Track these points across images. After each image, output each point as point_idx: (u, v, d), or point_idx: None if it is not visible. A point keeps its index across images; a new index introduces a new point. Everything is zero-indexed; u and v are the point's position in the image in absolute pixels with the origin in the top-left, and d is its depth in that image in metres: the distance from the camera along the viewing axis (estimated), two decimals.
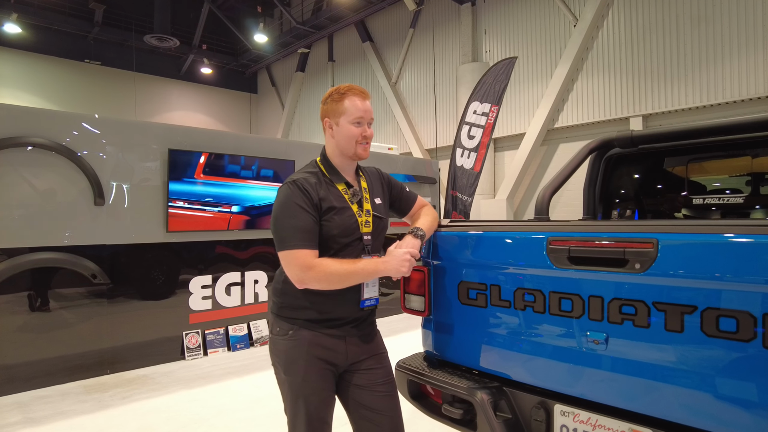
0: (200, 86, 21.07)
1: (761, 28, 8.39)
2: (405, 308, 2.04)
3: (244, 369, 4.52)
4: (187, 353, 4.78)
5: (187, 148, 4.82)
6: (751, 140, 2.55)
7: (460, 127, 7.10)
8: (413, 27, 14.67)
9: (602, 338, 1.45)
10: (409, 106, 14.96)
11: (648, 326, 1.35)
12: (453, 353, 1.92)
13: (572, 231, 1.56)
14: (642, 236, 1.37)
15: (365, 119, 1.80)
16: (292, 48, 19.00)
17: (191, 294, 4.91)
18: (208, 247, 5.05)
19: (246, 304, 5.30)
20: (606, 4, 10.36)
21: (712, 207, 2.79)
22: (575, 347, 1.52)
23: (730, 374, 1.24)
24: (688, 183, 2.90)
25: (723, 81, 8.88)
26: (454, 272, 1.89)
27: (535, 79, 11.73)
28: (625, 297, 1.40)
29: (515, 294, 1.68)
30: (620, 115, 10.24)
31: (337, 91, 1.81)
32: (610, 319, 1.43)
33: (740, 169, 2.75)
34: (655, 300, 1.34)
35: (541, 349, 1.63)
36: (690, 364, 1.30)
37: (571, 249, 1.52)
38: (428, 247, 1.97)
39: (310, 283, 1.63)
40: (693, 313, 1.28)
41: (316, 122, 18.76)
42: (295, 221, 1.65)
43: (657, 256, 1.33)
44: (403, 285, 2.03)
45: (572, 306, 1.52)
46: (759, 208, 2.68)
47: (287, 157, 5.60)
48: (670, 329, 1.32)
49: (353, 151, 1.81)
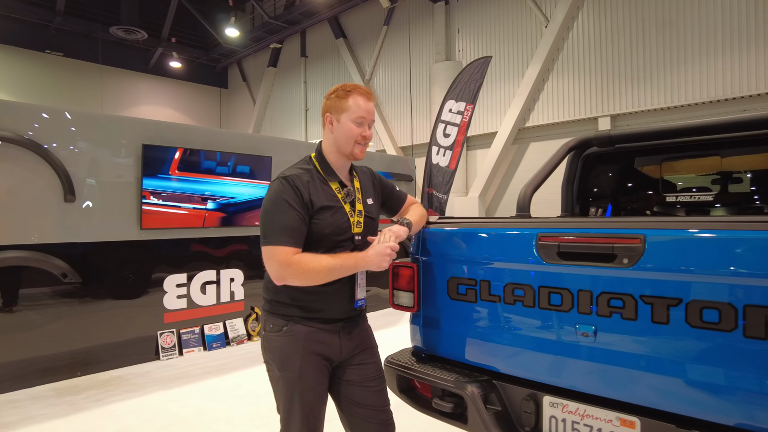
0: (169, 80, 20.58)
1: (720, 35, 8.75)
2: (393, 304, 2.06)
3: (222, 368, 4.46)
4: (162, 353, 4.68)
5: (161, 143, 4.70)
6: (720, 141, 2.67)
7: (436, 125, 7.16)
8: (387, 24, 14.68)
9: (591, 331, 1.50)
10: (383, 103, 14.97)
11: (635, 319, 1.41)
12: (442, 348, 1.96)
13: (562, 227, 1.61)
14: (630, 232, 1.43)
15: (367, 120, 1.79)
16: (263, 43, 18.75)
17: (166, 293, 4.81)
18: (183, 245, 4.95)
19: (222, 302, 5.23)
20: (576, 5, 10.60)
21: (684, 204, 2.91)
22: (564, 340, 1.58)
23: (714, 363, 1.31)
24: (662, 181, 3.01)
25: (686, 84, 9.22)
26: (443, 268, 1.92)
27: (507, 79, 11.91)
28: (613, 291, 1.46)
29: (505, 289, 1.73)
30: (589, 115, 10.51)
31: (342, 88, 1.80)
32: (599, 313, 1.49)
33: (710, 168, 2.88)
34: (643, 293, 1.41)
35: (530, 342, 1.68)
36: (676, 354, 1.36)
37: (561, 245, 1.57)
38: (417, 244, 1.99)
39: (289, 280, 1.63)
40: (678, 305, 1.34)
41: (289, 118, 18.60)
42: (281, 217, 1.65)
43: (644, 251, 1.39)
44: (391, 281, 2.04)
45: (562, 300, 1.57)
46: (726, 206, 2.81)
47: (264, 153, 5.54)
48: (657, 321, 1.38)
49: (350, 150, 1.80)
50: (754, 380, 1.24)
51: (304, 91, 17.97)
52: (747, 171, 2.80)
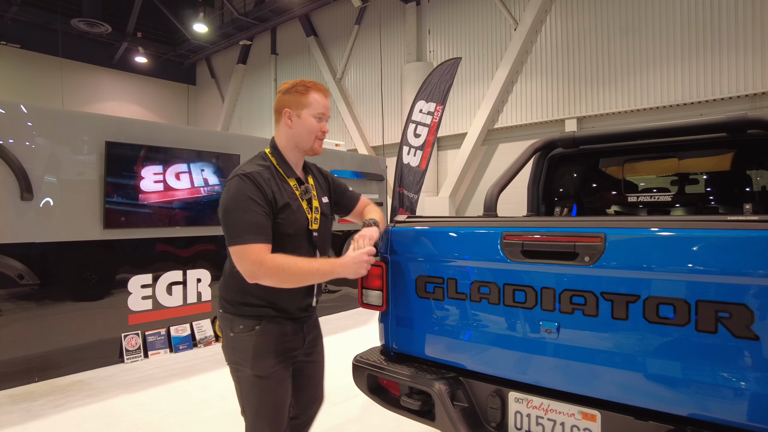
0: (135, 76, 20.02)
1: (679, 43, 9.10)
2: (362, 303, 2.07)
3: (189, 370, 4.38)
4: (126, 356, 4.56)
5: (125, 140, 4.58)
6: (679, 144, 2.77)
7: (407, 125, 7.20)
8: (358, 24, 14.67)
9: (554, 327, 1.54)
10: (354, 102, 14.95)
11: (596, 315, 1.46)
12: (410, 346, 1.97)
13: (525, 226, 1.64)
14: (591, 231, 1.48)
15: (326, 116, 1.82)
16: (233, 39, 18.45)
17: (130, 294, 4.68)
18: (148, 245, 4.83)
19: (188, 303, 5.12)
20: (545, 9, 10.82)
21: (645, 204, 3.01)
22: (528, 337, 1.61)
23: (670, 356, 1.36)
24: (624, 182, 3.11)
25: (647, 88, 9.54)
26: (411, 267, 1.94)
27: (476, 80, 12.07)
28: (575, 288, 1.50)
29: (471, 287, 1.75)
30: (556, 117, 10.75)
31: (302, 83, 1.80)
32: (562, 309, 1.53)
33: (669, 170, 2.99)
34: (603, 290, 1.45)
35: (495, 339, 1.71)
36: (634, 349, 1.41)
37: (525, 243, 1.60)
38: (386, 243, 2.00)
39: (262, 279, 1.59)
40: (636, 301, 1.39)
41: (258, 116, 18.35)
42: (248, 215, 1.60)
43: (605, 249, 1.44)
44: (360, 281, 2.05)
45: (525, 297, 1.60)
46: (683, 206, 2.93)
47: (232, 151, 5.45)
48: (617, 317, 1.43)
49: (310, 145, 1.81)
50: (707, 372, 1.30)
51: (274, 89, 17.76)
52: (702, 173, 2.92)
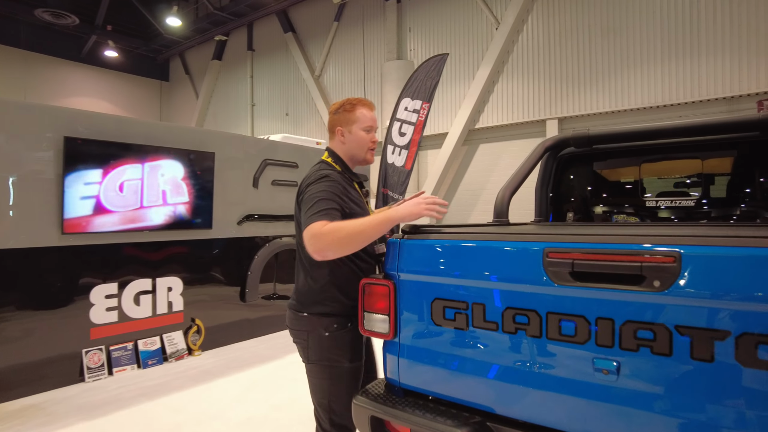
0: (105, 71, 19.16)
1: (659, 45, 9.09)
2: (364, 329, 1.76)
3: (159, 389, 3.99)
4: (87, 374, 4.13)
5: (87, 135, 4.16)
6: (702, 143, 2.55)
7: (391, 123, 6.91)
8: (338, 20, 14.33)
9: (613, 367, 1.26)
10: (333, 100, 14.59)
11: (670, 354, 1.18)
12: (423, 382, 1.66)
13: (574, 241, 1.35)
14: (662, 248, 1.20)
15: (374, 127, 2.01)
16: (208, 35, 17.85)
17: (93, 305, 4.25)
18: (113, 251, 4.41)
19: (158, 314, 4.72)
20: (526, 9, 10.69)
21: (665, 209, 2.78)
22: (578, 378, 1.32)
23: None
24: (640, 184, 2.87)
25: (629, 89, 9.50)
26: (427, 288, 1.63)
27: (458, 80, 11.88)
28: (641, 319, 1.22)
29: (504, 315, 1.45)
30: (538, 117, 10.63)
31: (348, 102, 2.01)
32: (623, 346, 1.24)
33: (690, 171, 2.77)
34: (679, 323, 1.17)
35: (534, 379, 1.42)
36: (722, 399, 1.14)
37: (575, 263, 1.31)
38: (395, 257, 1.69)
39: (324, 249, 1.63)
40: (725, 339, 1.11)
41: (234, 113, 17.85)
42: (319, 205, 1.73)
43: (680, 272, 1.16)
44: (362, 303, 1.74)
45: (576, 330, 1.32)
46: (712, 211, 2.70)
47: (206, 148, 5.07)
48: (698, 357, 1.15)
49: (363, 156, 2.01)
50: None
51: (250, 85, 17.27)
52: (728, 174, 2.70)
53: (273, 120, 16.41)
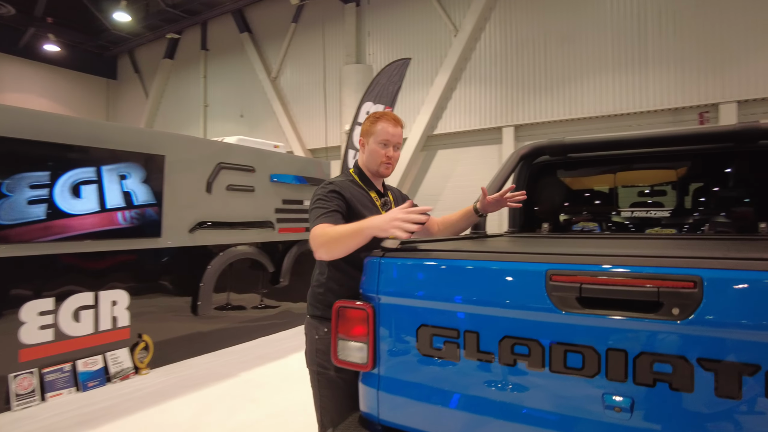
0: (44, 66, 17.95)
1: (611, 54, 9.39)
2: (338, 360, 1.57)
3: (102, 414, 3.63)
4: (15, 402, 3.70)
5: (16, 135, 3.76)
6: (677, 153, 2.53)
7: (353, 128, 6.77)
8: (296, 22, 14.05)
9: (626, 405, 1.13)
10: (290, 103, 14.29)
11: (692, 390, 1.07)
12: (406, 418, 1.49)
13: (581, 263, 1.22)
14: (681, 272, 1.08)
15: (391, 143, 2.03)
16: (159, 32, 17.10)
17: (23, 324, 3.84)
18: (49, 263, 4.01)
19: (101, 331, 4.34)
20: (484, 17, 10.81)
21: (640, 220, 2.74)
22: (585, 416, 1.19)
23: None
24: (615, 194, 2.82)
25: (582, 97, 9.75)
26: (411, 312, 1.46)
27: (417, 85, 11.87)
28: (658, 351, 1.10)
29: (501, 344, 1.30)
30: (495, 125, 10.75)
31: (374, 115, 2.08)
32: (638, 380, 1.12)
33: (664, 180, 2.74)
34: (702, 356, 1.06)
35: (536, 416, 1.27)
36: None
37: (583, 287, 1.18)
38: (375, 278, 1.51)
39: (317, 249, 1.70)
40: (755, 374, 1.01)
41: (185, 114, 17.21)
42: (319, 210, 1.81)
43: (702, 299, 1.05)
44: (335, 328, 1.55)
45: (583, 362, 1.18)
46: (685, 221, 2.68)
47: (155, 150, 4.73)
48: (723, 395, 1.04)
49: (376, 168, 2.05)
50: None
51: (203, 85, 16.66)
52: (704, 184, 2.70)
53: (227, 122, 15.89)
